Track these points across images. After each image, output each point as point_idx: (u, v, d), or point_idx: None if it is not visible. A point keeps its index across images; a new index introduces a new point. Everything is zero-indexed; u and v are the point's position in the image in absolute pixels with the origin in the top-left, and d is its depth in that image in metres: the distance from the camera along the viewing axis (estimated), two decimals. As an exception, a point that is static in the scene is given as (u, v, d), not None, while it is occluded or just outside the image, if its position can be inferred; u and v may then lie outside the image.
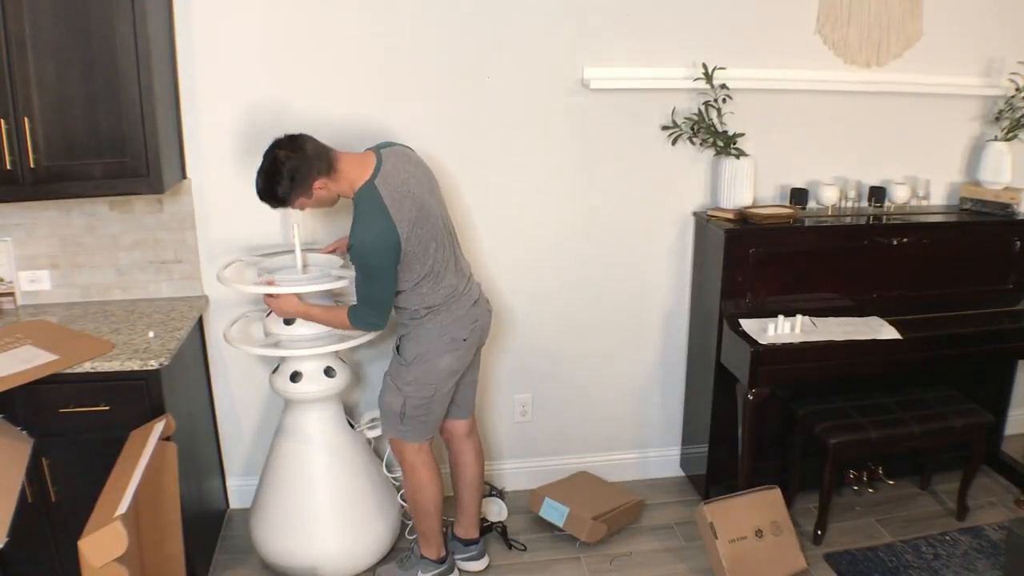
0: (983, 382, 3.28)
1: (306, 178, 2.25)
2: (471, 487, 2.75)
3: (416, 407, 2.46)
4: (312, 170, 2.25)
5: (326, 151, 2.30)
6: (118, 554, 1.73)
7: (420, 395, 2.45)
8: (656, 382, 3.31)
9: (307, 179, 2.25)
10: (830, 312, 2.94)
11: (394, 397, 2.48)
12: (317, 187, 2.27)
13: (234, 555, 2.88)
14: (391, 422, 2.53)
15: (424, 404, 2.47)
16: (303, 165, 2.23)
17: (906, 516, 3.11)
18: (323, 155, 2.28)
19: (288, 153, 2.24)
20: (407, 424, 2.50)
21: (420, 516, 2.62)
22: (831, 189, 3.04)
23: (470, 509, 2.77)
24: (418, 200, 2.31)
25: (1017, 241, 3.08)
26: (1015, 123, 3.11)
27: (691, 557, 2.89)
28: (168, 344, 2.40)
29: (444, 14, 2.74)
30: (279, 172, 2.23)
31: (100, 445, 2.24)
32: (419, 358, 2.42)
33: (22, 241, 2.75)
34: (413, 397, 2.45)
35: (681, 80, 2.89)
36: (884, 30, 3.02)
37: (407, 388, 2.45)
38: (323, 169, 2.27)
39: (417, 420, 2.49)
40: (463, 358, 2.49)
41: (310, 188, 2.27)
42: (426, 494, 2.57)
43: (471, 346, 2.50)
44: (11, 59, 2.27)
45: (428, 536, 2.65)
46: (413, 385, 2.44)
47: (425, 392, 2.45)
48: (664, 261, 3.14)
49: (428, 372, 2.43)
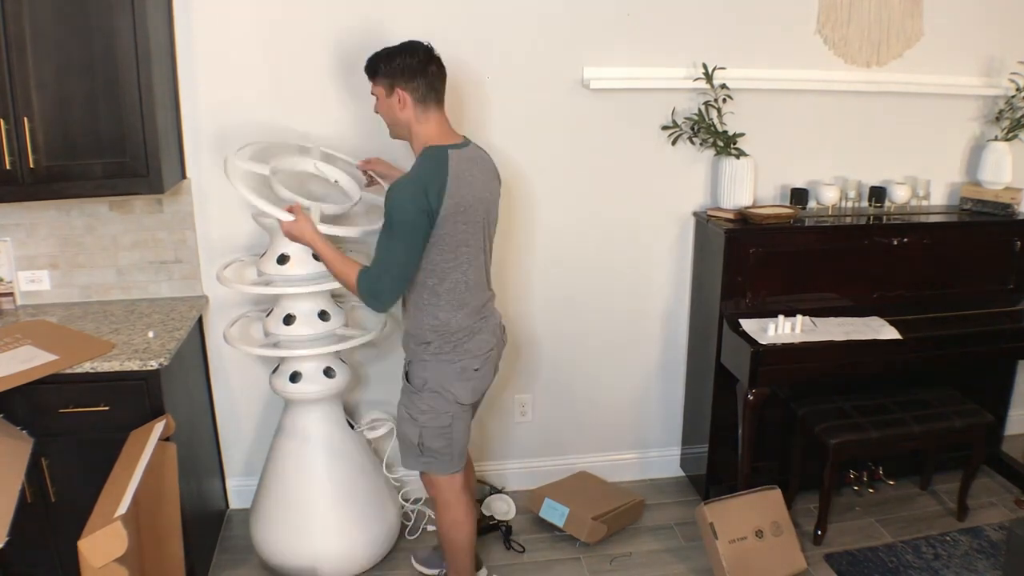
0: (983, 382, 3.28)
1: (402, 77, 2.15)
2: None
3: (435, 437, 2.31)
4: (413, 80, 2.15)
5: (439, 90, 2.20)
6: (118, 554, 1.73)
7: (437, 424, 2.29)
8: (656, 382, 3.31)
9: (402, 79, 2.15)
10: (830, 312, 2.94)
11: (410, 428, 2.32)
12: (399, 91, 2.15)
13: (234, 555, 2.88)
14: (411, 454, 2.37)
15: (443, 435, 2.31)
16: (414, 68, 2.15)
17: (906, 516, 3.11)
18: (433, 88, 2.18)
19: (425, 53, 2.17)
20: (429, 456, 2.34)
21: (453, 553, 2.48)
22: (831, 189, 3.04)
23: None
24: (476, 195, 2.18)
25: (1017, 241, 3.08)
26: (1015, 123, 3.11)
27: (691, 557, 2.89)
28: (168, 344, 2.40)
29: (444, 14, 2.74)
30: (399, 51, 2.17)
31: (100, 445, 2.24)
32: (428, 385, 2.28)
33: (22, 241, 2.74)
34: (430, 427, 2.30)
35: (681, 80, 2.89)
36: (884, 30, 3.02)
37: (422, 417, 2.29)
38: (419, 94, 2.16)
39: (439, 452, 2.33)
40: (478, 388, 2.35)
41: (394, 87, 2.16)
42: (461, 532, 2.43)
43: (484, 376, 2.35)
44: (11, 59, 2.27)
45: (461, 573, 2.51)
46: (428, 414, 2.29)
47: (442, 422, 2.29)
48: (664, 261, 3.14)
49: (443, 402, 2.28)
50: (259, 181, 2.57)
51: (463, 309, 2.24)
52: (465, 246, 2.19)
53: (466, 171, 2.16)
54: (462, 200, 2.13)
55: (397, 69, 2.16)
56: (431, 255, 2.16)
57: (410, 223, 2.08)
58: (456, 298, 2.23)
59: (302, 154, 2.67)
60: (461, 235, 2.17)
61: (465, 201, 2.14)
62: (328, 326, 2.63)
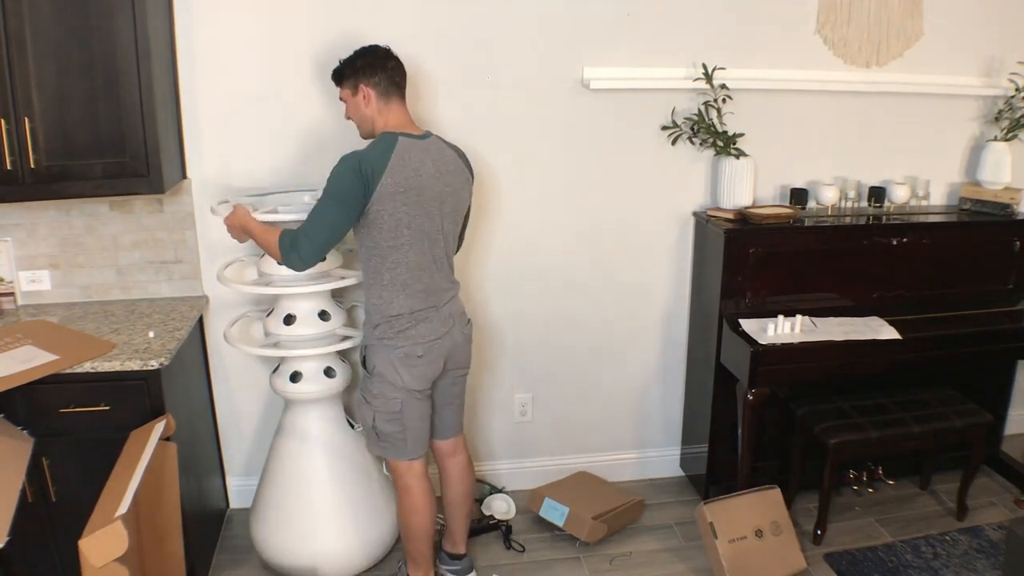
0: (983, 382, 3.28)
1: (364, 74, 2.31)
2: (454, 505, 2.67)
3: (387, 422, 2.37)
4: (375, 75, 2.31)
5: (399, 85, 2.35)
6: (118, 554, 1.73)
7: (388, 409, 2.36)
8: (656, 382, 3.31)
9: (364, 76, 2.31)
10: (830, 312, 2.94)
11: (365, 411, 2.41)
12: (363, 87, 2.31)
13: (234, 555, 2.88)
14: (369, 438, 2.46)
15: (395, 419, 2.37)
16: (373, 67, 2.31)
17: (906, 516, 3.11)
18: (394, 83, 2.33)
19: (385, 54, 2.34)
20: (384, 441, 2.41)
21: (410, 539, 2.53)
22: (831, 189, 3.04)
23: (456, 525, 2.71)
24: (424, 182, 2.25)
25: (1017, 241, 3.08)
26: (1015, 123, 3.11)
27: (691, 557, 2.89)
28: (168, 344, 2.40)
29: (444, 14, 2.74)
30: (359, 53, 2.35)
31: (100, 445, 2.24)
32: (377, 370, 2.35)
33: (22, 241, 2.75)
34: (382, 411, 2.37)
35: (681, 80, 2.89)
36: (884, 30, 3.03)
37: (375, 402, 2.37)
38: (381, 88, 2.31)
39: (393, 437, 2.39)
40: (424, 374, 2.36)
41: (358, 85, 2.32)
42: (418, 517, 2.48)
43: (430, 364, 2.36)
44: (11, 59, 2.27)
45: (417, 560, 2.55)
46: (379, 399, 2.36)
47: (392, 407, 2.36)
48: (664, 261, 3.14)
49: (390, 386, 2.34)
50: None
51: (404, 291, 2.30)
52: (407, 228, 2.25)
53: (414, 158, 2.25)
54: (404, 182, 2.21)
55: (359, 68, 2.32)
56: (371, 234, 2.24)
57: (343, 190, 2.18)
58: (397, 279, 2.29)
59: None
60: (402, 216, 2.22)
61: (408, 183, 2.21)
62: (328, 326, 2.63)
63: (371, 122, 2.35)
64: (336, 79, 2.39)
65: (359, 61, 2.33)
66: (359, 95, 2.33)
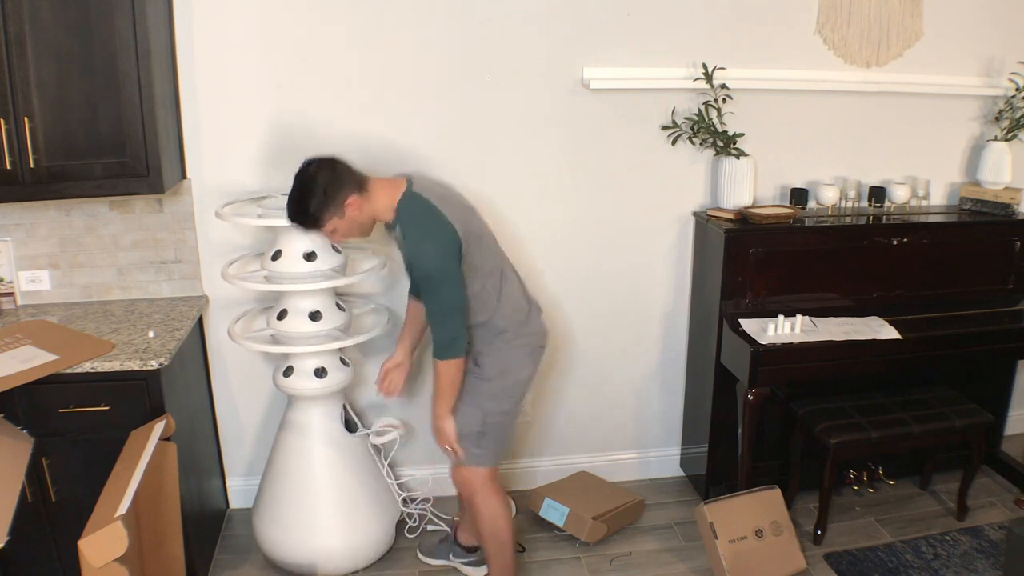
0: (983, 382, 3.28)
1: (338, 192, 2.18)
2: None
3: (496, 423, 2.40)
4: (344, 185, 2.19)
5: (357, 172, 2.25)
6: (118, 554, 1.73)
7: (500, 409, 2.40)
8: (656, 382, 3.31)
9: (340, 193, 2.18)
10: (830, 312, 2.94)
11: (472, 416, 2.38)
12: (349, 204, 2.19)
13: (234, 555, 2.88)
14: (467, 445, 2.41)
15: (503, 419, 2.42)
16: (335, 179, 2.18)
17: (906, 516, 3.11)
18: (354, 174, 2.24)
19: (319, 167, 2.19)
20: (484, 446, 2.40)
21: (498, 549, 2.48)
22: (831, 189, 3.04)
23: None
24: (461, 201, 2.34)
25: (1017, 241, 3.08)
26: (1015, 123, 3.11)
27: (691, 557, 2.89)
28: (168, 344, 2.40)
29: (443, 14, 2.74)
30: (312, 185, 2.17)
31: (100, 445, 2.24)
32: (503, 372, 2.38)
33: (22, 241, 2.75)
34: (493, 413, 2.39)
35: (681, 80, 2.89)
36: (884, 30, 3.02)
37: (488, 404, 2.38)
38: (355, 187, 2.21)
39: (495, 438, 2.42)
40: (538, 365, 2.48)
41: (342, 206, 2.19)
42: (502, 521, 2.47)
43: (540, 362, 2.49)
44: (11, 59, 2.27)
45: (507, 572, 2.51)
46: (494, 400, 2.39)
47: (505, 405, 2.41)
48: (664, 261, 3.14)
49: (512, 385, 2.41)
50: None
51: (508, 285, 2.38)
52: (483, 235, 2.33)
53: (436, 188, 2.30)
54: (458, 213, 2.24)
55: (328, 196, 2.18)
56: (471, 260, 2.26)
57: (449, 266, 2.20)
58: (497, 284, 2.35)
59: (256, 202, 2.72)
60: (478, 230, 2.31)
61: (460, 214, 2.26)
62: (331, 323, 2.63)
63: (374, 215, 2.27)
64: (313, 225, 2.23)
65: (318, 191, 2.16)
66: (347, 212, 2.21)
